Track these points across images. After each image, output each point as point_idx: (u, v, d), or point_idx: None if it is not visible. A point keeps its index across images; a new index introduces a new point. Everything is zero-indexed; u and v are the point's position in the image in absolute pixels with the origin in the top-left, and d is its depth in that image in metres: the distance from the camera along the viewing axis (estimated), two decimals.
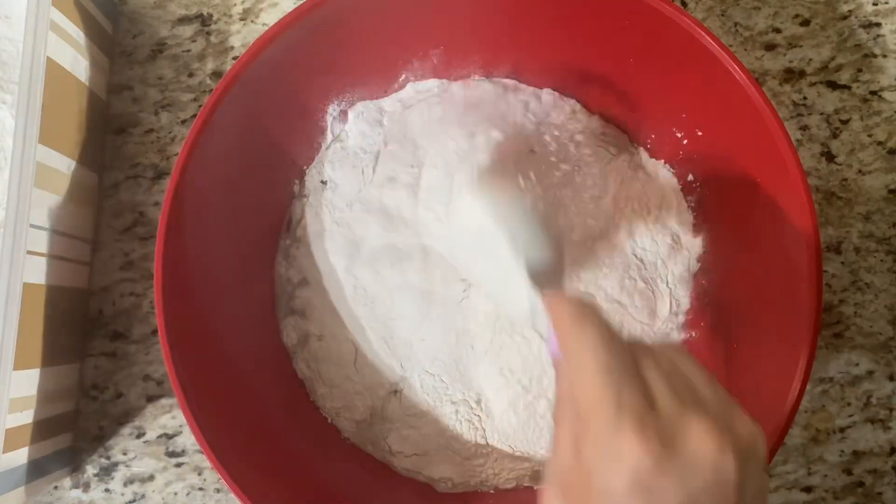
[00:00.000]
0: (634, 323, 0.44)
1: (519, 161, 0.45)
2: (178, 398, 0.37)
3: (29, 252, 0.39)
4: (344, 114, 0.47)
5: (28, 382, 0.40)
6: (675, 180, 0.46)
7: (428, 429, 0.44)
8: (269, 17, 0.51)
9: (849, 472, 0.47)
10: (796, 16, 0.50)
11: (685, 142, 0.45)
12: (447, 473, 0.44)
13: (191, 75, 0.50)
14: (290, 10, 0.45)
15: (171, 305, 0.37)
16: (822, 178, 0.49)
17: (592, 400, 0.26)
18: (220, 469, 0.37)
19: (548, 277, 0.35)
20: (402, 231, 0.44)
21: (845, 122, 0.49)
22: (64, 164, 0.43)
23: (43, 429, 0.42)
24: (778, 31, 0.50)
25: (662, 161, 0.46)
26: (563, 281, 0.37)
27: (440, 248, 0.44)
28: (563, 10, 0.43)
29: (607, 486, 0.25)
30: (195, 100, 0.50)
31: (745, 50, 0.50)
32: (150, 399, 0.47)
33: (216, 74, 0.50)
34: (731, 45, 0.50)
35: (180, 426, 0.47)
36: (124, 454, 0.47)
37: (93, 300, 0.48)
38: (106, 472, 0.47)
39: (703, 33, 0.39)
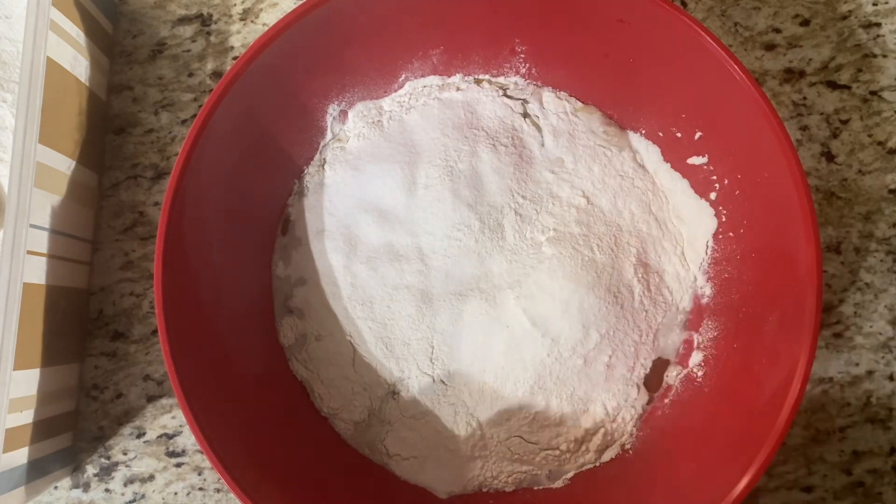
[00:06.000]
0: (633, 323, 0.44)
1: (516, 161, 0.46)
2: (178, 398, 0.37)
3: (29, 252, 0.39)
4: (344, 114, 0.47)
5: (28, 382, 0.40)
6: (674, 180, 0.46)
7: (426, 431, 0.44)
8: (269, 17, 0.51)
9: (849, 472, 0.47)
10: (796, 16, 0.50)
11: (685, 142, 0.45)
12: (445, 476, 0.44)
13: (191, 75, 0.50)
14: (290, 10, 0.45)
15: (171, 305, 0.38)
16: (822, 178, 0.49)
17: None
18: (220, 469, 0.37)
19: None
20: (398, 231, 0.44)
21: (845, 122, 0.49)
22: (64, 164, 0.43)
23: (43, 429, 0.42)
24: (778, 31, 0.50)
25: (662, 160, 0.46)
26: None
27: (437, 248, 0.44)
28: (563, 11, 0.43)
29: None
30: (195, 100, 0.50)
31: (745, 50, 0.50)
32: (150, 399, 0.47)
33: (216, 74, 0.50)
34: (731, 45, 0.50)
35: (180, 426, 0.47)
36: (124, 454, 0.47)
37: (93, 300, 0.48)
38: (106, 472, 0.47)
39: (703, 33, 0.39)
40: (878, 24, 0.50)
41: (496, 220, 0.44)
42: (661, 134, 0.46)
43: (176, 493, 0.47)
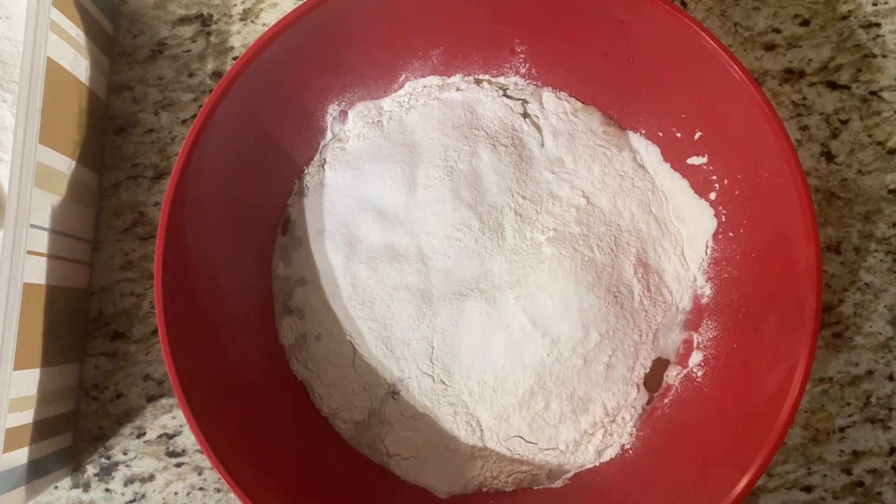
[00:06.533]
0: (633, 323, 0.44)
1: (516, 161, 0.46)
2: (178, 398, 0.37)
3: (29, 252, 0.39)
4: (344, 114, 0.47)
5: (28, 382, 0.40)
6: (674, 180, 0.46)
7: (426, 431, 0.44)
8: (269, 17, 0.51)
9: (848, 472, 0.47)
10: (796, 16, 0.50)
11: (685, 142, 0.45)
12: (445, 476, 0.44)
13: (191, 75, 0.50)
14: (290, 10, 0.45)
15: (171, 305, 0.38)
16: (821, 178, 0.49)
17: None
18: (220, 469, 0.37)
19: None
20: (398, 231, 0.44)
21: (845, 122, 0.49)
22: (64, 164, 0.43)
23: (43, 429, 0.42)
24: (778, 31, 0.50)
25: (662, 161, 0.46)
26: None
27: (437, 248, 0.44)
28: (563, 11, 0.43)
29: None
30: (195, 100, 0.50)
31: (745, 50, 0.50)
32: (150, 399, 0.47)
33: (216, 74, 0.50)
34: (731, 45, 0.50)
35: (180, 426, 0.47)
36: (124, 454, 0.47)
37: (93, 300, 0.48)
38: (106, 471, 0.47)
39: (703, 33, 0.39)
40: (878, 24, 0.50)
41: (496, 220, 0.44)
42: (661, 134, 0.46)
43: (176, 493, 0.47)
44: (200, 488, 0.47)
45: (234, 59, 0.50)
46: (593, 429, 0.44)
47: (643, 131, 0.47)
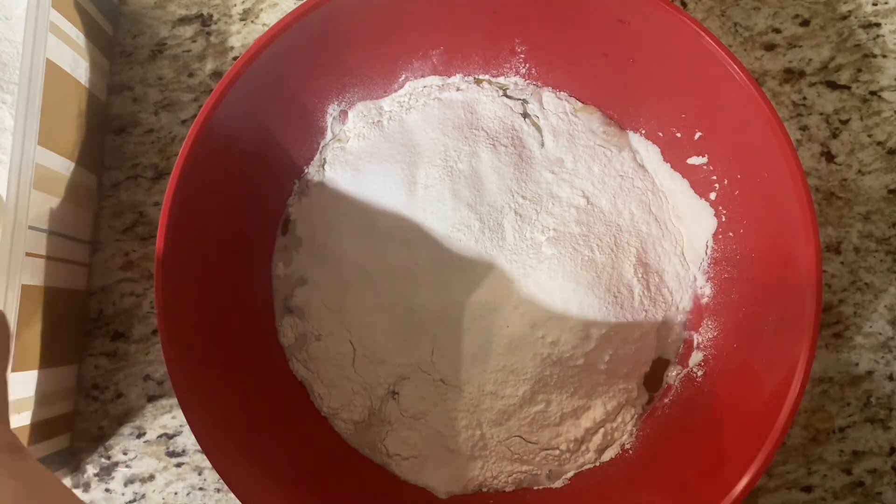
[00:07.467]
0: (633, 323, 0.44)
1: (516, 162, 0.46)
2: (178, 398, 0.37)
3: (27, 254, 0.39)
4: (344, 114, 0.47)
5: (26, 384, 0.40)
6: (674, 180, 0.46)
7: (426, 431, 0.44)
8: (269, 17, 0.51)
9: (848, 472, 0.47)
10: (796, 16, 0.50)
11: (685, 142, 0.45)
12: (445, 476, 0.44)
13: (191, 75, 0.50)
14: (290, 10, 0.45)
15: (171, 305, 0.38)
16: (821, 178, 0.49)
17: None
18: (219, 469, 0.37)
19: None
20: (399, 230, 0.44)
21: (845, 123, 0.49)
22: (63, 166, 0.43)
23: (41, 430, 0.42)
24: (778, 31, 0.50)
25: (662, 161, 0.46)
26: None
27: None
28: (563, 11, 0.43)
29: None
30: (195, 100, 0.50)
31: (745, 50, 0.50)
32: (150, 399, 0.47)
33: (216, 74, 0.50)
34: (730, 46, 0.50)
35: (180, 426, 0.47)
36: (124, 454, 0.47)
37: (93, 300, 0.48)
38: (106, 472, 0.47)
39: (703, 33, 0.39)
40: (878, 25, 0.50)
41: (496, 220, 0.44)
42: (661, 134, 0.46)
43: (176, 493, 0.47)
44: (200, 488, 0.47)
45: (234, 59, 0.50)
46: (593, 429, 0.44)
47: (643, 131, 0.47)
